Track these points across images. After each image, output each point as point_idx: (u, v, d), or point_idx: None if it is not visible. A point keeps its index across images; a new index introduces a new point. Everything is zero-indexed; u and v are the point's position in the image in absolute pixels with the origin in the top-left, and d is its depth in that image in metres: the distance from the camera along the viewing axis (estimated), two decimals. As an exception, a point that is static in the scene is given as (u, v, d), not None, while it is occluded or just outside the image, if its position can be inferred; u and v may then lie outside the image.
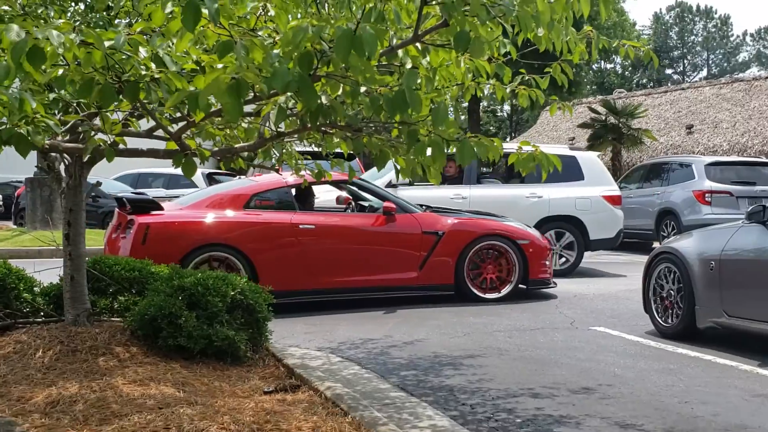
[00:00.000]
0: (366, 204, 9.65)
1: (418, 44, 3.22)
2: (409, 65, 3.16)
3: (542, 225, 11.42)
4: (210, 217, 8.33)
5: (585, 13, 2.97)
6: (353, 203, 9.88)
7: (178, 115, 3.71)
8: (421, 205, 9.44)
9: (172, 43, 2.93)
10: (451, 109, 3.93)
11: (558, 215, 11.72)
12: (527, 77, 4.43)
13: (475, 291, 8.94)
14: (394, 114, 2.88)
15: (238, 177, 17.83)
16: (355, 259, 8.66)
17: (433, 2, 2.98)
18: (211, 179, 24.81)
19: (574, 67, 4.27)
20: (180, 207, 8.72)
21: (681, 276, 6.73)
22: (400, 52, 3.27)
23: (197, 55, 3.02)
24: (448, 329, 7.22)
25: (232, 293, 5.45)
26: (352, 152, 4.37)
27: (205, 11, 2.34)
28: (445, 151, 3.13)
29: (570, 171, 11.60)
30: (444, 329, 7.22)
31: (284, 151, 4.74)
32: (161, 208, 8.40)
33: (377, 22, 2.82)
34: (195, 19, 2.37)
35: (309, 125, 3.27)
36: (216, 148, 4.07)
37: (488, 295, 8.95)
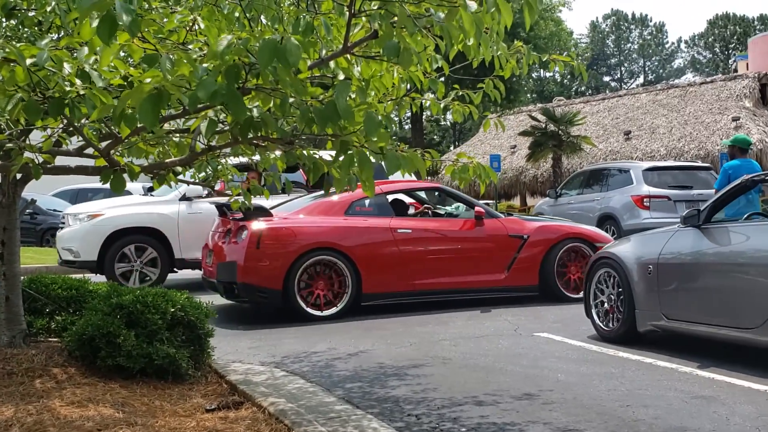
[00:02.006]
0: (442, 211, 10.50)
1: (349, 55, 3.23)
2: (341, 77, 3.16)
3: None
4: (317, 223, 8.84)
5: (508, 23, 3.00)
6: (431, 210, 10.32)
7: (107, 132, 3.65)
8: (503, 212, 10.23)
9: (97, 58, 2.88)
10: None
11: None
12: (461, 92, 4.47)
13: (563, 291, 9.44)
14: (325, 125, 2.88)
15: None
16: (448, 261, 9.17)
17: (361, 15, 2.98)
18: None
19: (514, 76, 4.33)
20: (286, 213, 9.06)
21: (620, 280, 6.83)
22: (332, 63, 3.27)
23: (125, 69, 2.97)
24: (393, 339, 7.21)
25: (173, 310, 5.36)
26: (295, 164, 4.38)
27: (122, 23, 2.30)
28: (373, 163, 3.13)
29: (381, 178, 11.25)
30: (390, 339, 7.21)
31: (218, 166, 4.69)
32: (271, 215, 8.81)
33: (306, 34, 2.81)
34: (110, 32, 2.32)
35: (240, 139, 3.24)
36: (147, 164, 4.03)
37: (573, 295, 9.36)
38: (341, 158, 3.07)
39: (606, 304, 7.04)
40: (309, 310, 8.51)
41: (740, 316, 5.68)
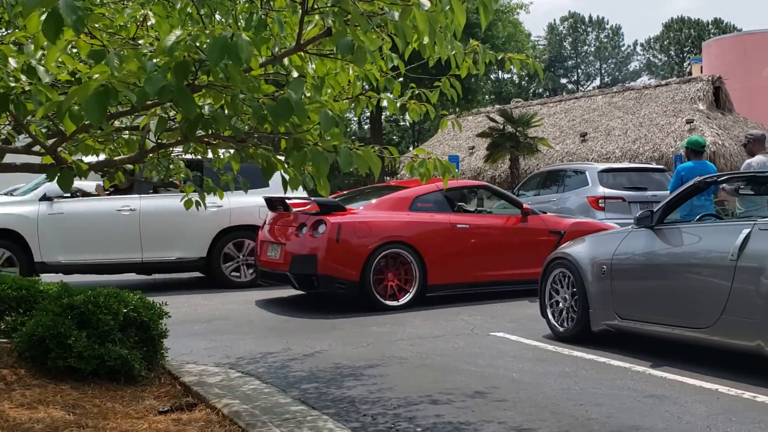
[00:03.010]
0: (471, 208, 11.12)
1: (302, 53, 3.21)
2: (295, 74, 3.14)
3: (224, 235, 11.28)
4: (389, 217, 9.33)
5: (461, 22, 3.00)
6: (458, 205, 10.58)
7: (57, 129, 3.58)
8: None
9: (45, 54, 2.82)
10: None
11: (241, 225, 11.40)
12: (417, 91, 4.48)
13: None
14: (278, 122, 2.86)
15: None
16: (500, 255, 9.71)
17: (314, 12, 2.96)
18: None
19: (472, 77, 4.35)
20: (354, 208, 9.47)
21: (575, 280, 6.89)
22: (285, 61, 3.24)
23: (73, 65, 2.91)
24: (350, 339, 7.20)
25: (125, 311, 5.29)
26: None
27: (68, 20, 2.25)
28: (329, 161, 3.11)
29: (259, 178, 11.18)
30: (346, 340, 7.19)
31: (171, 164, 4.63)
32: (345, 210, 9.23)
33: (259, 31, 2.78)
34: (56, 30, 2.27)
35: (189, 137, 3.19)
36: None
37: None
38: (291, 156, 3.05)
39: (561, 304, 7.10)
40: (383, 300, 9.02)
41: (692, 316, 5.76)
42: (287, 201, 9.90)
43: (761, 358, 5.27)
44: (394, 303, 9.06)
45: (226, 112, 3.05)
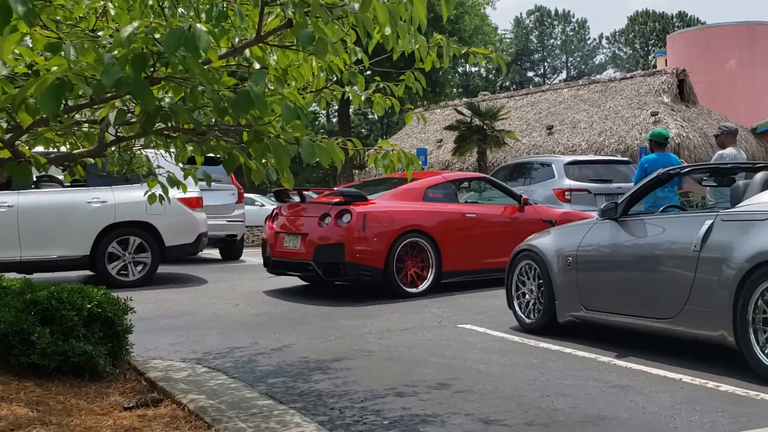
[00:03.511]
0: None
1: (263, 45, 3.18)
2: (257, 66, 3.11)
3: (109, 232, 10.90)
4: (407, 207, 9.71)
5: (421, 15, 3.00)
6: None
7: (13, 124, 3.51)
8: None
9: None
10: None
11: (127, 221, 11.04)
12: (382, 85, 4.48)
13: None
14: (239, 114, 2.84)
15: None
16: (504, 242, 9.78)
17: (275, 4, 2.94)
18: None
19: (440, 70, 4.35)
20: (373, 198, 9.81)
21: (541, 272, 6.94)
22: (247, 52, 3.22)
23: (31, 57, 2.87)
24: (318, 333, 7.18)
25: (89, 306, 5.23)
26: (214, 156, 4.33)
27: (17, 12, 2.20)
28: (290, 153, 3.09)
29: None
30: (314, 333, 7.18)
31: (131, 157, 4.58)
32: (367, 200, 9.57)
33: (219, 22, 2.76)
34: (4, 22, 2.23)
35: (147, 129, 3.15)
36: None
37: None
38: (251, 147, 3.03)
39: (527, 296, 7.14)
40: (405, 288, 9.38)
41: (657, 307, 5.82)
42: (303, 192, 10.39)
43: (724, 348, 5.35)
44: (414, 290, 9.43)
45: (186, 104, 3.02)
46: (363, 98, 4.36)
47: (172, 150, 4.17)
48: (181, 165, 4.60)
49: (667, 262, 5.82)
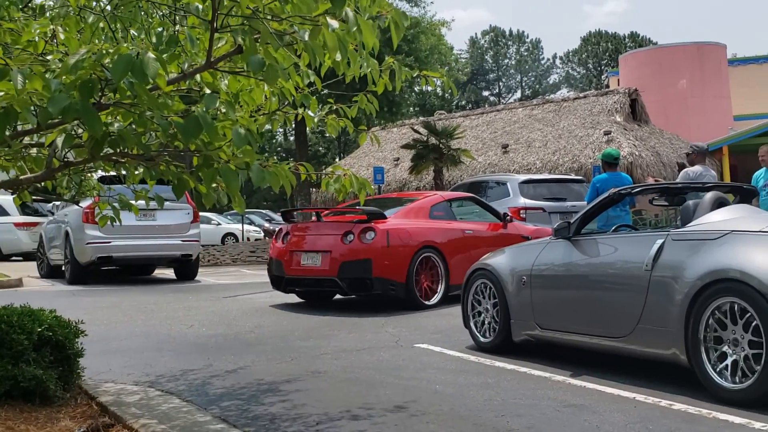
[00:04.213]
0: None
1: (214, 70, 3.17)
2: (207, 91, 3.10)
3: None
4: (420, 225, 10.41)
5: (369, 43, 3.02)
6: None
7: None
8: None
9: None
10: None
11: None
12: (335, 107, 4.49)
13: None
14: (188, 140, 2.83)
15: (52, 204, 17.06)
16: None
17: (224, 30, 2.93)
18: (23, 206, 23.62)
19: (393, 89, 4.36)
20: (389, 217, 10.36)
21: (496, 291, 6.97)
22: (198, 77, 3.20)
23: (-22, 82, 2.81)
24: (274, 354, 7.12)
25: (39, 329, 5.13)
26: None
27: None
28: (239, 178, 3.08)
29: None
30: (270, 354, 7.12)
31: (82, 181, 4.52)
32: (385, 217, 10.17)
33: (170, 47, 2.74)
34: (-45, 45, 2.20)
35: (95, 155, 3.11)
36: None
37: None
38: (200, 173, 3.01)
39: (483, 315, 7.17)
40: (423, 300, 10.02)
41: (610, 325, 5.88)
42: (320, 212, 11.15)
43: (677, 366, 5.41)
44: (429, 302, 10.06)
45: (135, 129, 2.99)
46: (316, 120, 4.37)
47: (123, 172, 4.12)
48: (132, 187, 4.55)
49: (619, 281, 5.88)
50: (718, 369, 5.05)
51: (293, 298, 11.53)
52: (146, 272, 17.62)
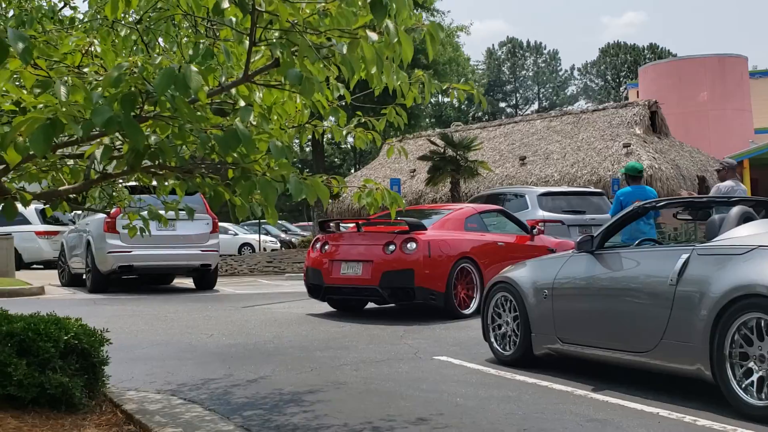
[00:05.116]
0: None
1: (249, 83, 3.20)
2: (242, 103, 3.13)
3: None
4: (457, 236, 10.69)
5: (408, 57, 3.04)
6: None
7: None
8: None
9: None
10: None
11: None
12: (364, 119, 4.52)
13: None
14: (226, 152, 2.85)
15: (73, 213, 17.20)
16: None
17: (261, 43, 2.96)
18: (44, 215, 23.80)
19: (415, 102, 4.38)
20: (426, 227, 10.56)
21: (517, 304, 6.96)
22: (233, 90, 3.23)
23: (17, 94, 2.85)
24: (294, 365, 7.14)
25: (66, 338, 5.17)
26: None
27: (14, 50, 2.20)
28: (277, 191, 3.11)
29: None
30: (290, 365, 7.14)
31: (114, 192, 4.55)
32: (425, 228, 10.40)
33: (206, 60, 2.77)
34: (1, 59, 2.23)
35: (135, 167, 3.15)
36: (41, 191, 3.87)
37: None
38: (238, 185, 3.03)
39: (503, 328, 7.15)
40: (461, 310, 10.27)
41: (633, 340, 5.85)
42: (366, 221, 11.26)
43: (698, 381, 5.38)
44: (466, 311, 10.32)
45: (172, 142, 3.02)
46: (345, 133, 4.40)
47: (153, 183, 4.16)
48: (162, 198, 4.59)
49: (643, 296, 5.86)
50: (743, 385, 5.02)
51: (311, 309, 11.56)
52: (165, 281, 17.71)
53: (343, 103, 4.17)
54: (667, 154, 24.41)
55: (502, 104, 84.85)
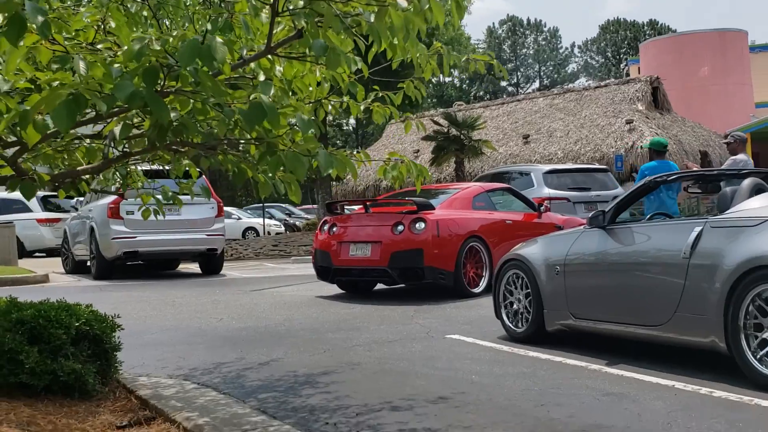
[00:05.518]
0: None
1: (271, 56, 3.14)
2: (261, 77, 3.07)
3: None
4: (465, 215, 10.68)
5: (441, 21, 2.99)
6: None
7: (14, 138, 3.43)
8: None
9: (3, 61, 2.70)
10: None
11: None
12: (381, 94, 4.45)
13: None
14: (252, 126, 2.79)
15: (75, 200, 17.17)
16: None
17: (285, 13, 2.90)
18: (45, 202, 23.76)
19: (424, 82, 4.32)
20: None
21: (528, 281, 6.94)
22: (252, 64, 3.18)
23: (31, 72, 2.80)
24: (306, 347, 7.13)
25: (77, 324, 5.14)
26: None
27: (32, 25, 2.16)
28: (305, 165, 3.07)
29: None
30: (302, 347, 7.12)
31: (127, 173, 4.50)
32: (433, 208, 10.38)
33: (225, 32, 2.72)
34: (19, 33, 2.18)
35: (158, 144, 3.10)
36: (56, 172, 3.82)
37: None
38: (265, 160, 2.99)
39: (515, 305, 7.13)
40: (470, 288, 10.25)
41: (646, 314, 5.83)
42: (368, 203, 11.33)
43: (712, 354, 5.37)
44: (476, 290, 10.31)
45: (194, 118, 2.97)
46: (362, 108, 4.34)
47: (168, 165, 4.11)
48: (176, 179, 4.54)
49: (656, 270, 5.83)
50: (758, 356, 5.00)
51: (319, 291, 11.56)
52: (171, 267, 17.70)
53: (361, 78, 4.11)
54: (669, 130, 24.32)
55: (504, 83, 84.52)
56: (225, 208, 25.18)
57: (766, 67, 36.04)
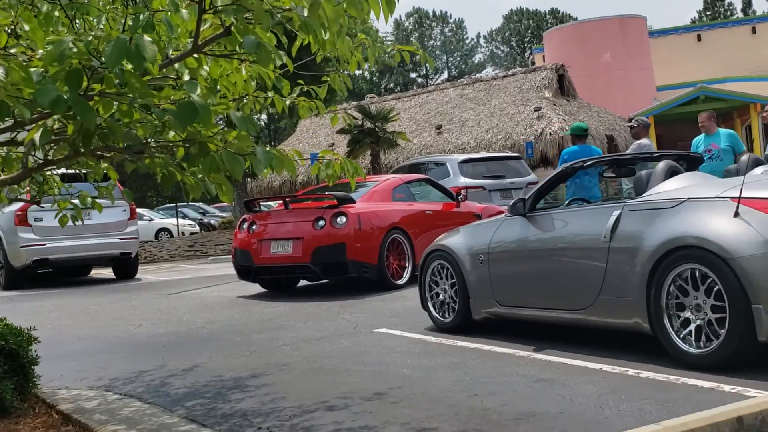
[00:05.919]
0: None
1: (197, 54, 3.02)
2: (187, 77, 2.96)
3: None
4: (386, 207, 10.66)
5: (377, 15, 2.93)
6: None
7: None
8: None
9: None
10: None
11: None
12: (306, 88, 4.37)
13: None
14: (184, 126, 2.67)
15: None
16: None
17: (211, 10, 2.79)
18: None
19: (350, 74, 4.27)
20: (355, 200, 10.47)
21: (453, 271, 6.95)
22: (177, 64, 3.05)
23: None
24: (232, 349, 6.98)
25: (-9, 340, 4.92)
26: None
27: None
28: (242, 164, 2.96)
29: None
30: (227, 350, 6.97)
31: (44, 180, 4.29)
32: (354, 202, 10.29)
33: (146, 32, 2.59)
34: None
35: (82, 150, 2.95)
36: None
37: None
38: (197, 162, 2.87)
39: (441, 296, 7.14)
40: (394, 281, 10.24)
41: (570, 298, 5.91)
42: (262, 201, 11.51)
43: (636, 335, 5.47)
44: (399, 282, 10.32)
45: (119, 121, 2.83)
46: (288, 103, 4.25)
47: (85, 170, 3.94)
48: (95, 183, 4.35)
49: (577, 254, 5.91)
50: (682, 335, 5.11)
51: (241, 291, 11.38)
52: (84, 273, 17.19)
53: (287, 73, 4.02)
54: (576, 116, 24.87)
55: (413, 75, 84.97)
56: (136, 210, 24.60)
57: (665, 52, 37.15)
